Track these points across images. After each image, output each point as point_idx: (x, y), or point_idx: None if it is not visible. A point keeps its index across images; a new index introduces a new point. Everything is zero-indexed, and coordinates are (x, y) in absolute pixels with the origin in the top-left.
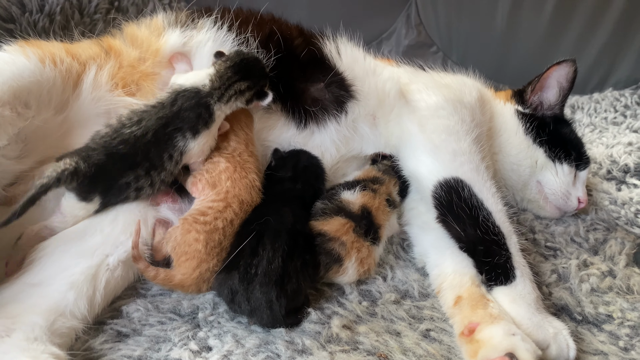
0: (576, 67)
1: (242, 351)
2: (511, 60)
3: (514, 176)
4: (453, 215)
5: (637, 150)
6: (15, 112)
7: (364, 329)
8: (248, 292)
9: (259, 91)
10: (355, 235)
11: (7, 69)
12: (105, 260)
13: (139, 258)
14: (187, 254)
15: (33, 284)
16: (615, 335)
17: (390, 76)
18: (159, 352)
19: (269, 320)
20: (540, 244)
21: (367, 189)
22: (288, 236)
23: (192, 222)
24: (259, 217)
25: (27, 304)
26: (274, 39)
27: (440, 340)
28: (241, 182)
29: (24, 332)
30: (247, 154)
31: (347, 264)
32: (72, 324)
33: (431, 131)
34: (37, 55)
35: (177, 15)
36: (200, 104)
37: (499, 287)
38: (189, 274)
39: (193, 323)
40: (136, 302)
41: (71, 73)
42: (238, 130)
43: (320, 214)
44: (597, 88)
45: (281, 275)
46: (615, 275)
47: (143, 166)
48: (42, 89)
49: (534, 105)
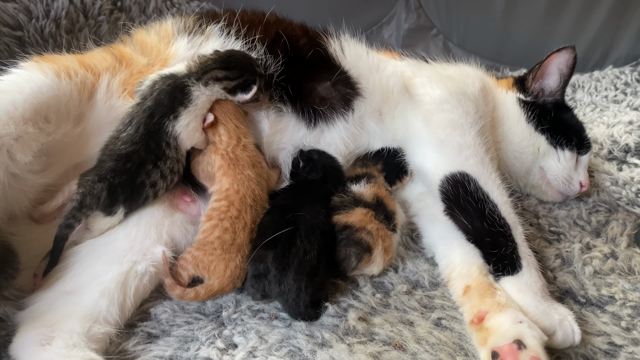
0: (576, 53)
1: (265, 347)
2: (511, 40)
3: (517, 163)
4: (460, 209)
5: (637, 129)
6: (37, 128)
7: (379, 320)
8: (282, 275)
9: (242, 84)
10: (378, 222)
11: (27, 87)
12: (134, 267)
13: (175, 286)
14: (212, 261)
15: (67, 292)
16: (617, 316)
17: (393, 71)
18: (188, 352)
19: (294, 306)
20: (544, 228)
21: (371, 181)
22: (321, 233)
23: (202, 239)
24: (294, 207)
25: (63, 312)
26: (280, 42)
27: (451, 328)
28: (237, 178)
29: (63, 339)
30: (240, 149)
31: (375, 252)
32: (106, 330)
33: (436, 126)
34: (53, 70)
35: (185, 22)
36: (175, 85)
37: (506, 277)
38: (223, 275)
39: (218, 322)
40: (163, 304)
41: (86, 84)
42: (227, 122)
43: (341, 207)
44: (597, 65)
45: (313, 267)
46: (617, 256)
47: (149, 160)
48: (60, 103)
49: (535, 93)
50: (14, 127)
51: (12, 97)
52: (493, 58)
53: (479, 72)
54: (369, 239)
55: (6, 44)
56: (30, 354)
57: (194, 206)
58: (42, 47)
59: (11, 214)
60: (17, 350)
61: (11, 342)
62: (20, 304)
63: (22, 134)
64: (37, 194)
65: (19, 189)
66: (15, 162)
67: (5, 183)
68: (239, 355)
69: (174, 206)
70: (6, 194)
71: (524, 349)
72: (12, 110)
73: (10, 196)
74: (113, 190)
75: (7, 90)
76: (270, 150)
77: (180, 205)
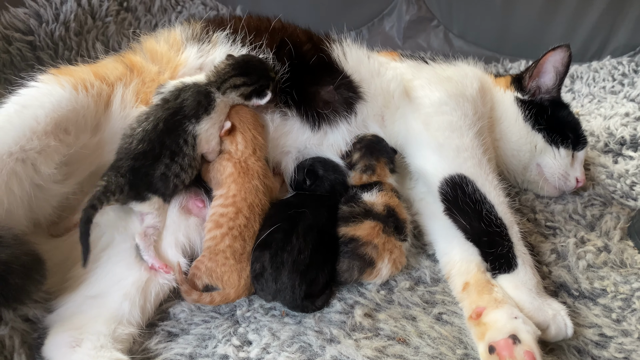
0: (570, 52)
1: (278, 343)
2: (511, 30)
3: (515, 161)
4: (458, 209)
5: (633, 122)
6: (58, 140)
7: (383, 316)
8: (277, 273)
9: (257, 89)
10: (386, 236)
11: (47, 101)
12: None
13: (190, 291)
14: (226, 273)
15: (91, 296)
16: (608, 308)
17: (394, 75)
18: (207, 349)
19: (290, 302)
20: (541, 223)
21: (382, 190)
22: (318, 233)
23: (213, 247)
24: (298, 205)
25: (89, 315)
26: (285, 49)
27: (451, 323)
28: (245, 186)
29: (91, 341)
30: (254, 159)
31: (380, 265)
32: (129, 331)
33: (435, 129)
34: (71, 84)
35: (193, 29)
36: (199, 92)
37: (503, 274)
38: (238, 285)
39: (232, 320)
40: (181, 304)
41: (101, 96)
42: (245, 132)
43: (350, 219)
44: (595, 56)
45: (307, 266)
46: (610, 250)
47: (165, 155)
48: (78, 115)
49: (532, 91)
50: (37, 142)
51: (34, 112)
52: (493, 49)
53: (477, 72)
54: (373, 253)
55: (18, 49)
56: (62, 355)
57: (205, 210)
58: (52, 50)
59: (36, 222)
60: (49, 352)
61: (43, 344)
62: (49, 307)
63: (45, 148)
64: (58, 202)
65: (43, 198)
66: (39, 174)
67: (31, 194)
68: (253, 351)
69: (187, 211)
70: (32, 204)
71: (519, 344)
72: (35, 125)
73: (36, 206)
74: (134, 184)
75: (28, 105)
76: (275, 154)
77: (193, 210)
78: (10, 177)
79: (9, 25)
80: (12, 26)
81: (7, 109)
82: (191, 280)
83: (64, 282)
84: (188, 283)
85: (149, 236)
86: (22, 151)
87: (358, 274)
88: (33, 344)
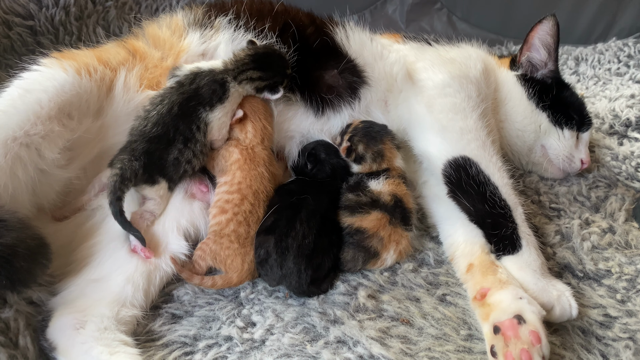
0: (556, 20)
1: (282, 324)
2: (515, 13)
3: (519, 142)
4: (462, 192)
5: (638, 103)
6: (62, 125)
7: (387, 297)
8: (282, 259)
9: (271, 85)
10: (392, 227)
11: (51, 85)
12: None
13: (192, 276)
14: (229, 256)
15: (94, 279)
16: (613, 289)
17: (397, 58)
18: (211, 330)
19: (296, 287)
20: (545, 205)
21: (389, 177)
22: (321, 219)
23: (218, 231)
24: (300, 192)
25: (93, 298)
26: (288, 32)
27: (455, 304)
28: (251, 173)
29: (95, 323)
30: (261, 147)
31: (385, 256)
32: (133, 313)
33: (438, 111)
34: (74, 68)
35: (195, 14)
36: (215, 80)
37: (507, 256)
38: (241, 270)
39: (236, 302)
40: (184, 286)
41: (104, 80)
42: (256, 121)
43: (357, 209)
44: (601, 37)
45: (312, 250)
46: (615, 231)
47: (179, 140)
48: (81, 100)
49: (525, 66)
50: (41, 127)
51: (37, 97)
52: (497, 31)
53: (481, 53)
54: (378, 246)
55: (19, 33)
56: (66, 337)
57: (209, 195)
58: (53, 35)
59: (39, 207)
60: (54, 334)
61: (47, 326)
62: (53, 290)
63: (49, 132)
64: (62, 187)
65: (47, 183)
66: (43, 159)
67: (35, 179)
68: (257, 332)
69: (191, 196)
70: (36, 189)
71: (524, 324)
72: (39, 110)
73: (40, 191)
74: (148, 167)
75: (32, 89)
76: (278, 139)
77: (197, 194)
78: (15, 162)
79: (9, 10)
80: (12, 11)
81: (10, 92)
82: (196, 261)
83: (67, 266)
84: (189, 268)
85: (143, 219)
86: (27, 136)
87: (362, 264)
88: (37, 326)
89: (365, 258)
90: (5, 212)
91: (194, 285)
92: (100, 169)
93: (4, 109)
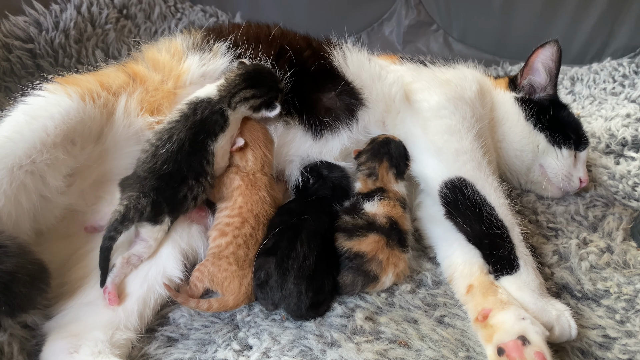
0: (559, 46)
1: (278, 347)
2: (511, 33)
3: (518, 162)
4: (459, 212)
5: (634, 122)
6: (66, 152)
7: (385, 319)
8: (282, 280)
9: (267, 102)
10: (390, 250)
11: (56, 112)
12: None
13: (188, 299)
14: (227, 278)
15: (88, 302)
16: (612, 309)
17: (394, 79)
18: (206, 354)
19: (296, 309)
20: (543, 225)
21: (384, 198)
22: (322, 240)
23: (217, 253)
24: (300, 213)
25: (87, 321)
26: (285, 56)
27: (453, 325)
28: (252, 198)
29: (89, 347)
30: (261, 174)
31: (384, 279)
32: (127, 336)
33: (434, 133)
34: (78, 94)
35: (193, 39)
36: (214, 111)
37: (505, 276)
38: (238, 292)
39: (232, 324)
40: (180, 308)
41: (107, 106)
42: (256, 149)
43: (354, 232)
44: (596, 57)
45: (312, 272)
46: (613, 251)
47: (191, 176)
48: (85, 126)
49: (525, 89)
50: (47, 154)
51: (44, 123)
52: (493, 52)
53: (476, 74)
54: (378, 269)
55: (18, 56)
56: None
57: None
58: (52, 58)
59: (38, 232)
60: (47, 359)
61: (41, 350)
62: (47, 313)
63: (54, 160)
64: (60, 212)
65: (48, 209)
66: (47, 186)
67: (37, 206)
68: (253, 356)
69: (190, 219)
70: (37, 215)
71: (528, 345)
72: (45, 137)
73: (40, 216)
74: (157, 205)
75: (38, 115)
76: (278, 163)
77: (196, 219)
78: (20, 190)
79: (9, 33)
80: (12, 34)
81: (16, 118)
82: (193, 282)
83: (61, 287)
84: (185, 290)
85: (129, 264)
86: (32, 163)
87: (361, 288)
88: (31, 351)
89: (365, 282)
90: (6, 237)
91: (190, 308)
92: (98, 192)
93: (10, 136)
